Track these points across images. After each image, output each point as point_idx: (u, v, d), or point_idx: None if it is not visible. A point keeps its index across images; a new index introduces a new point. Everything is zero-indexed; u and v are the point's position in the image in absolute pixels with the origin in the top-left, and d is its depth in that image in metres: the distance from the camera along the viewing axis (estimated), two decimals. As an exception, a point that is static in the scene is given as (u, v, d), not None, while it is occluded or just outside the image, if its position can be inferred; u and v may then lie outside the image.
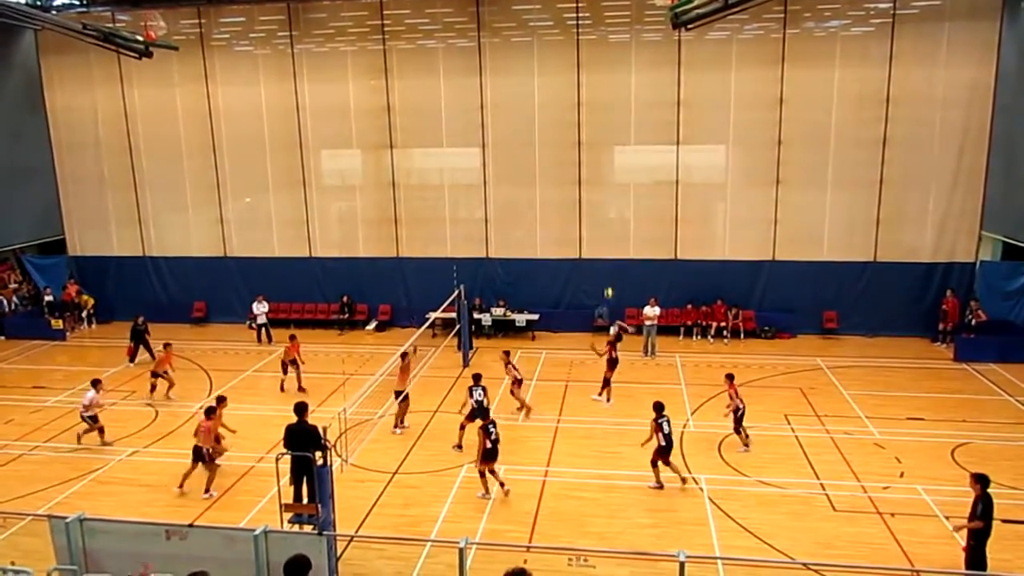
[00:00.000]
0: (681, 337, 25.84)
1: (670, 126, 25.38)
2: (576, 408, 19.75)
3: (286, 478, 12.92)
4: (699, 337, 25.77)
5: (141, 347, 24.23)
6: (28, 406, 20.58)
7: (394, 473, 16.16)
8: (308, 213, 28.13)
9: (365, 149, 27.63)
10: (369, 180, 27.77)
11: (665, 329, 25.27)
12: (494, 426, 15.12)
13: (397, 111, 26.85)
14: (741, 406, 16.88)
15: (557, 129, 26.00)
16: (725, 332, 25.56)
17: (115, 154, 28.95)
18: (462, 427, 17.16)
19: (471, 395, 17.02)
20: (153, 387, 20.95)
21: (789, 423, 18.32)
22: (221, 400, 16.72)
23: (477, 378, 17.29)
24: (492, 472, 15.02)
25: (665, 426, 15.05)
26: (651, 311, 24.02)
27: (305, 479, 12.41)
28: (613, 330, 21.64)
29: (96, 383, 18.26)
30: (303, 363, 21.82)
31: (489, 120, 26.36)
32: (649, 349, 23.95)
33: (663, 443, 14.97)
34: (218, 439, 16.07)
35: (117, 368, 23.59)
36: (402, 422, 18.57)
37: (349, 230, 28.32)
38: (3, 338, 27.37)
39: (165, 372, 21.01)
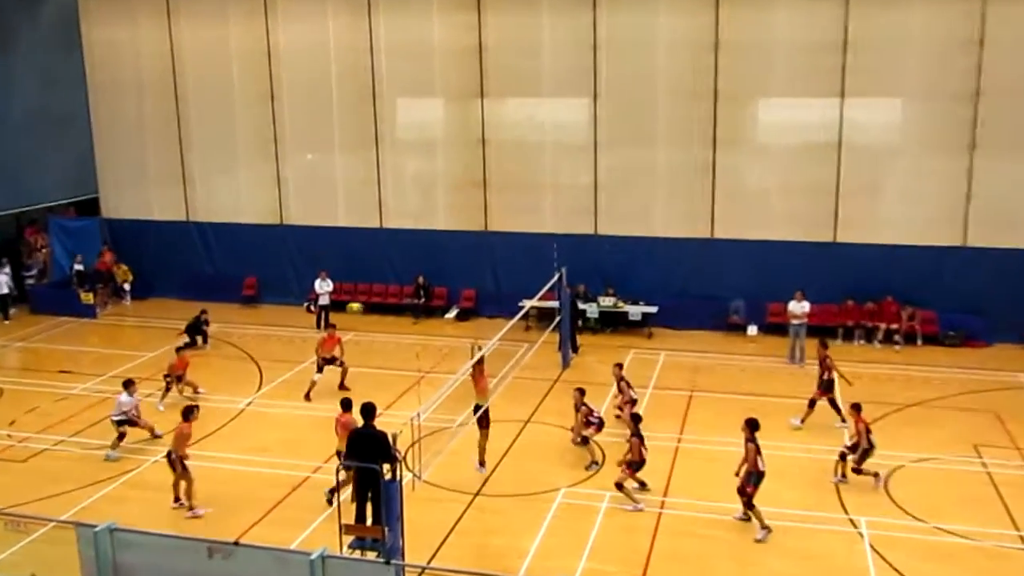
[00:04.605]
0: (840, 341, 25.09)
1: (832, 74, 24.64)
2: (701, 425, 19.47)
3: (347, 493, 13.12)
4: (862, 342, 25.16)
5: (199, 339, 25.12)
6: (53, 393, 21.64)
7: (476, 494, 16.27)
8: (380, 175, 28.56)
9: (449, 99, 27.86)
10: (453, 136, 28.00)
11: (818, 330, 24.48)
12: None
13: (490, 52, 26.91)
14: None
15: (687, 77, 25.59)
16: (896, 336, 24.82)
17: (158, 101, 30.07)
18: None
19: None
20: (167, 389, 20.85)
21: (980, 456, 17.66)
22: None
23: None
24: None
25: None
26: (797, 307, 23.50)
27: (370, 496, 12.57)
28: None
29: (128, 384, 18.32)
30: (343, 360, 21.65)
31: (603, 65, 26.16)
32: (796, 355, 23.48)
33: None
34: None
35: (155, 352, 24.48)
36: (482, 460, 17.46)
37: (428, 197, 28.65)
38: (28, 311, 28.83)
39: (179, 377, 21.01)
